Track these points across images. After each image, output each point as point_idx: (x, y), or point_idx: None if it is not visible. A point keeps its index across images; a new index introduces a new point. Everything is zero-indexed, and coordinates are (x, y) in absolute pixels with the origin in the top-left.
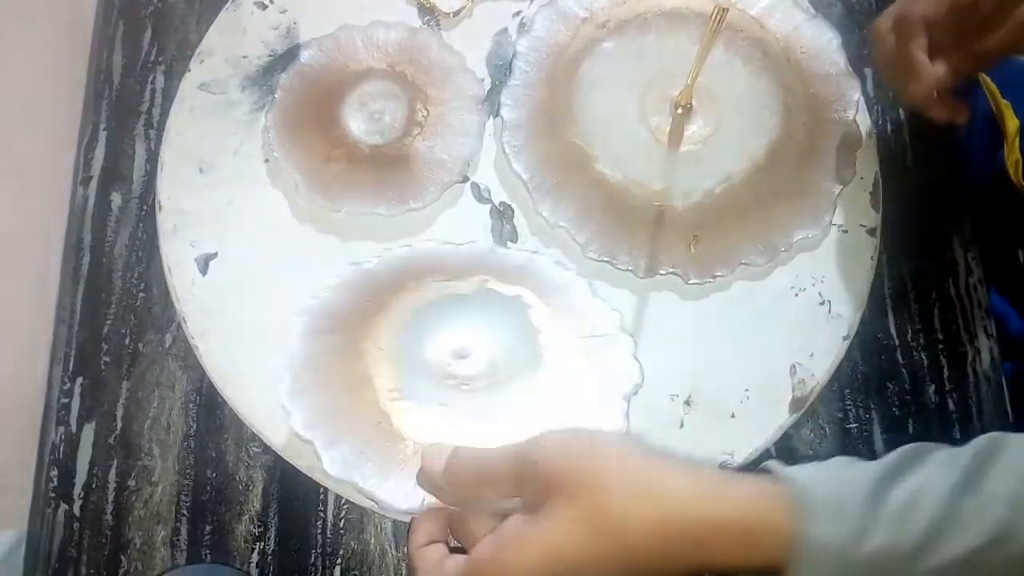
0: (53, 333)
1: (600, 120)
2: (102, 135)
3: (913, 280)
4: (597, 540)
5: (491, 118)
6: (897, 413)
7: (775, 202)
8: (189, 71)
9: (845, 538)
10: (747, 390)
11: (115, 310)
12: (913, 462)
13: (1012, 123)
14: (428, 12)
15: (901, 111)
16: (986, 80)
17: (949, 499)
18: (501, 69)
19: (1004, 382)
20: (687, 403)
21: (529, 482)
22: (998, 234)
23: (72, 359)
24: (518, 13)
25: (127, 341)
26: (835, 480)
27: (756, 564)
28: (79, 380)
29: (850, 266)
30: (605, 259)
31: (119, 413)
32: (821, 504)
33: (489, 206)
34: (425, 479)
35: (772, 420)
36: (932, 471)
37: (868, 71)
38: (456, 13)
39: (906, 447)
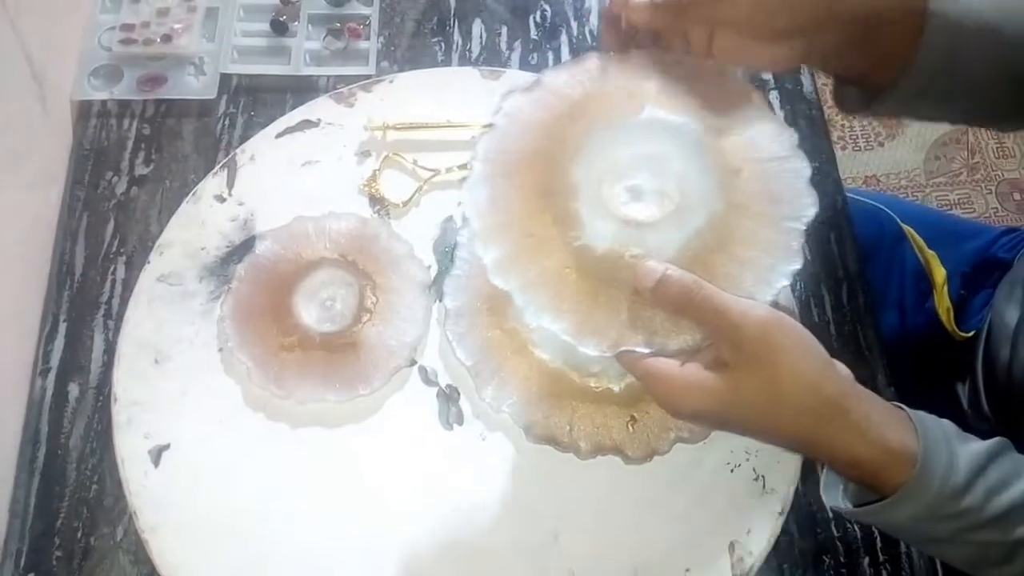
0: (7, 528)
1: None
2: (62, 326)
3: None
4: (764, 401)
5: (437, 303)
6: None
7: None
8: (149, 263)
9: (945, 491)
10: (688, 569)
11: (68, 503)
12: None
13: (939, 273)
14: (378, 202)
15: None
16: (912, 234)
17: None
18: (447, 255)
19: None
20: None
21: (727, 340)
22: (937, 375)
23: (24, 554)
24: (462, 202)
25: (79, 535)
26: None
27: (860, 464)
28: None
29: None
30: (547, 442)
31: None
32: (938, 461)
33: (436, 389)
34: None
35: None
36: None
37: None
38: (405, 203)
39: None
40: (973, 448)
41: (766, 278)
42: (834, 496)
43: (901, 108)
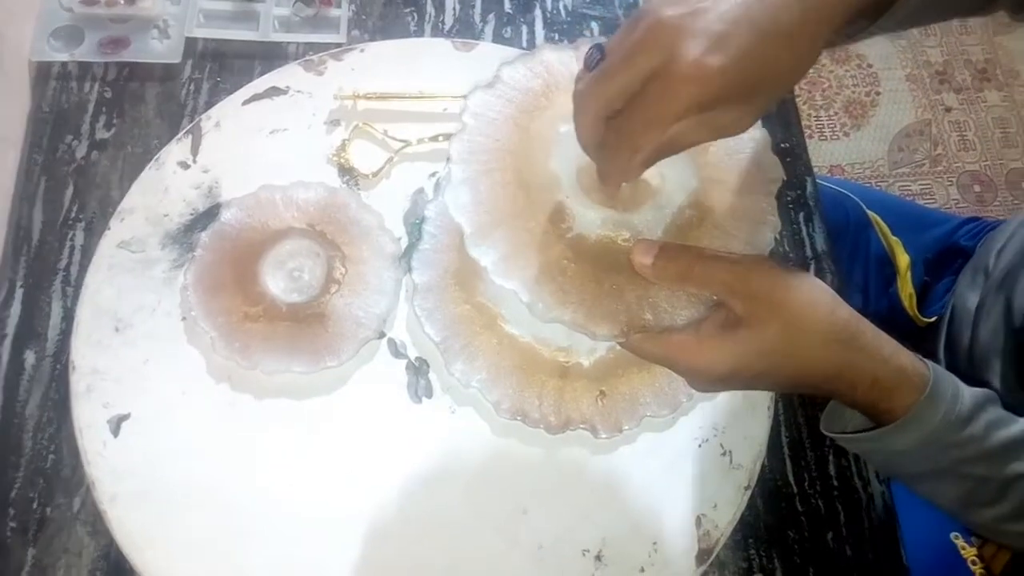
0: None
1: None
2: (19, 292)
3: (808, 428)
4: (789, 340)
5: (407, 275)
6: (799, 561)
7: None
8: (109, 229)
9: (951, 416)
10: (655, 543)
11: (24, 473)
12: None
13: (903, 259)
14: (347, 172)
15: None
16: (877, 220)
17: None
18: (417, 227)
19: (899, 527)
20: (598, 558)
21: (736, 294)
22: None
23: None
24: (434, 174)
25: (35, 506)
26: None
27: (880, 383)
28: None
29: (749, 416)
30: (516, 417)
31: None
32: (946, 388)
33: (405, 361)
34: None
35: (680, 572)
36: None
37: None
38: (375, 174)
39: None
40: (974, 389)
41: (752, 243)
42: (838, 426)
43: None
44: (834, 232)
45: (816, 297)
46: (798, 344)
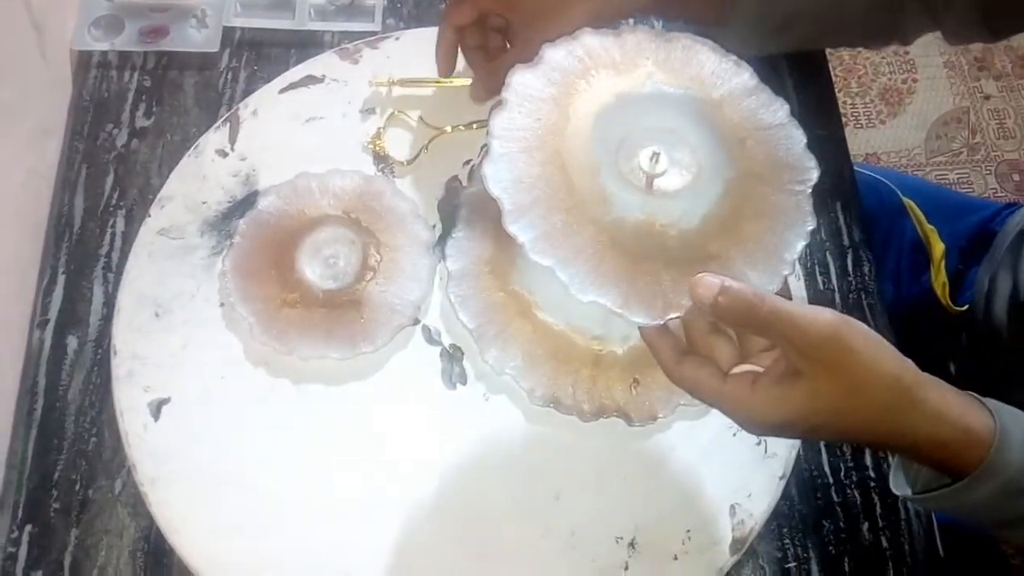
0: (3, 480)
1: (540, 268)
2: (61, 278)
3: None
4: (846, 402)
5: (441, 262)
6: (834, 552)
7: None
8: (149, 216)
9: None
10: (688, 531)
11: (66, 456)
12: None
13: (938, 247)
14: (382, 160)
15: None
16: (912, 207)
17: None
18: (452, 215)
19: (935, 519)
20: (631, 545)
21: (796, 349)
22: (929, 349)
23: (21, 507)
24: (468, 161)
25: (77, 487)
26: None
27: (946, 446)
28: (27, 528)
29: None
30: (550, 404)
31: (67, 562)
32: (1015, 438)
33: (439, 348)
34: (693, 304)
35: (714, 561)
36: None
37: None
38: (409, 161)
39: None
40: None
41: (786, 239)
42: (904, 487)
43: (747, 44)
44: (868, 218)
45: (881, 361)
46: (858, 406)
